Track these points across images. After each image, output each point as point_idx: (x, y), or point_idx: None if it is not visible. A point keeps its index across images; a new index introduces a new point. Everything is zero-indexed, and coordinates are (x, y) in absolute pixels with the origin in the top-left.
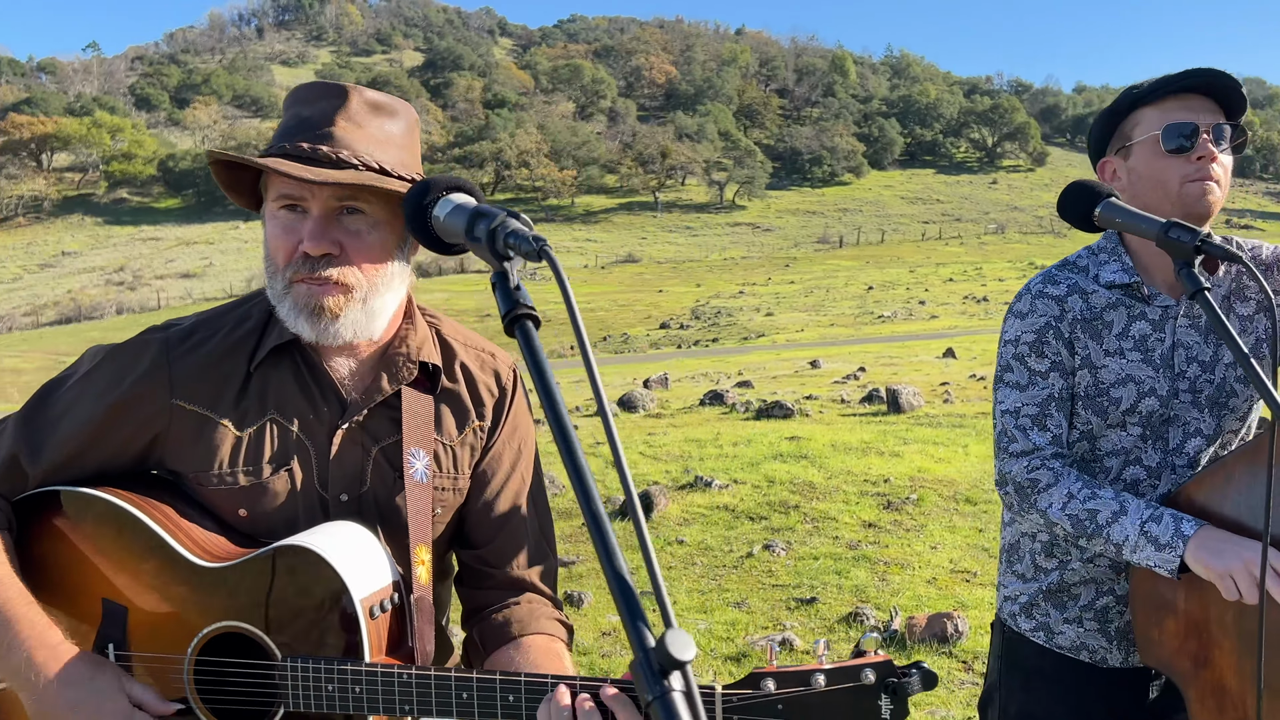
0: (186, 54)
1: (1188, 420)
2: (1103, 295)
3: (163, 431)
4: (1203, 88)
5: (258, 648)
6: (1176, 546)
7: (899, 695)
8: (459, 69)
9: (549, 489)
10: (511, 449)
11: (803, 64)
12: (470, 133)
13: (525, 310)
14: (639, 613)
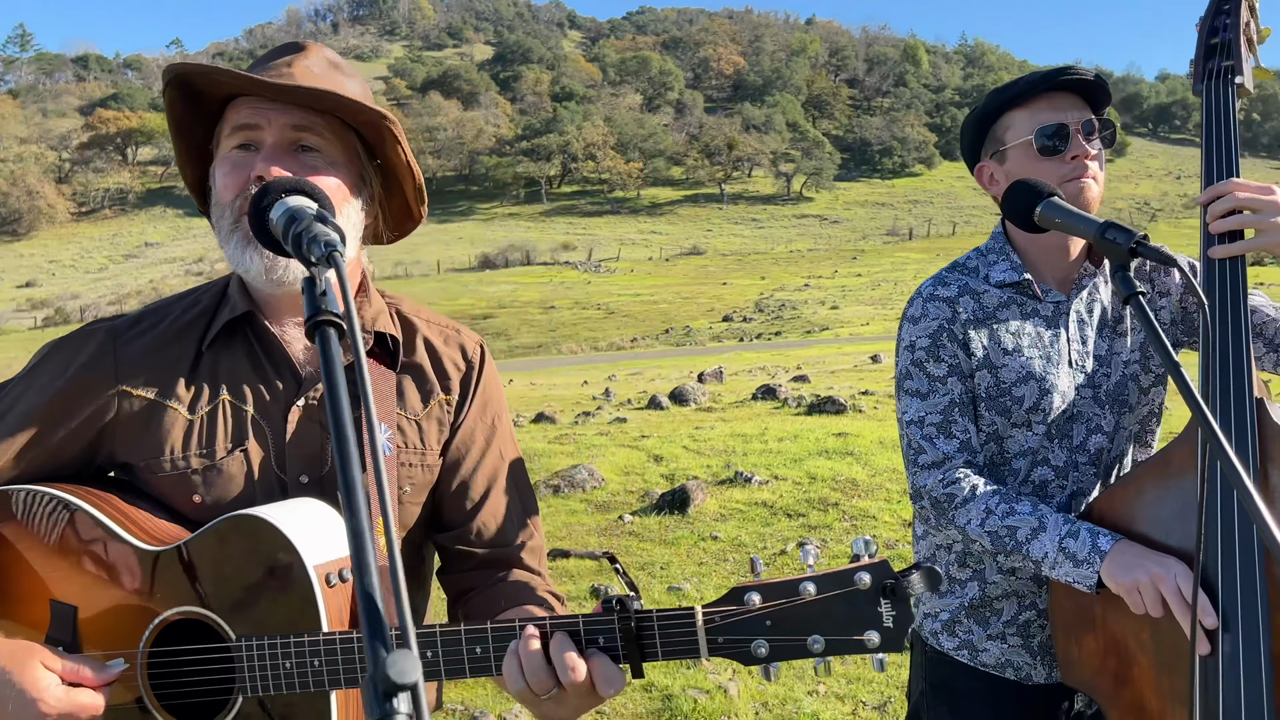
0: (264, 49)
1: (1089, 416)
2: (994, 294)
3: (110, 421)
4: (1067, 86)
5: (215, 633)
6: (1094, 562)
7: (900, 598)
8: (528, 62)
9: (580, 486)
10: (484, 424)
11: (874, 54)
12: (538, 125)
13: (327, 316)
14: (378, 632)
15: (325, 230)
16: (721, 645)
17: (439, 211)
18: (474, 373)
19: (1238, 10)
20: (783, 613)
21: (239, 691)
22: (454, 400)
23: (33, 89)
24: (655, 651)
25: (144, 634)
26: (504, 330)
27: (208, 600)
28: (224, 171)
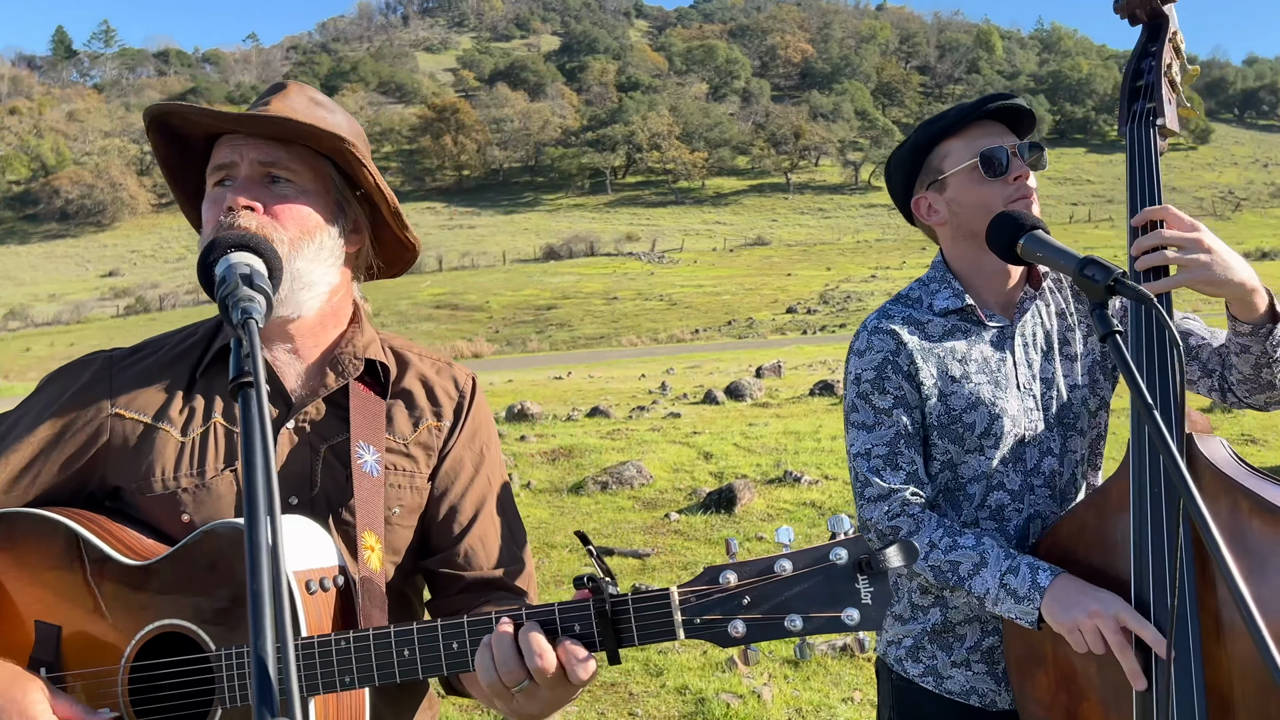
0: (337, 42)
1: (1041, 440)
2: (938, 323)
3: (104, 444)
4: (997, 114)
5: (194, 644)
6: (1034, 599)
7: (877, 573)
8: (594, 52)
9: (628, 484)
10: (473, 452)
11: (946, 40)
12: (603, 116)
13: (245, 380)
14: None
15: (249, 294)
16: (698, 626)
17: (505, 203)
18: (465, 401)
19: (1160, 54)
20: (759, 591)
21: (218, 703)
22: (444, 427)
23: (116, 84)
24: (631, 635)
25: (125, 650)
26: (566, 321)
27: (188, 613)
28: (206, 209)
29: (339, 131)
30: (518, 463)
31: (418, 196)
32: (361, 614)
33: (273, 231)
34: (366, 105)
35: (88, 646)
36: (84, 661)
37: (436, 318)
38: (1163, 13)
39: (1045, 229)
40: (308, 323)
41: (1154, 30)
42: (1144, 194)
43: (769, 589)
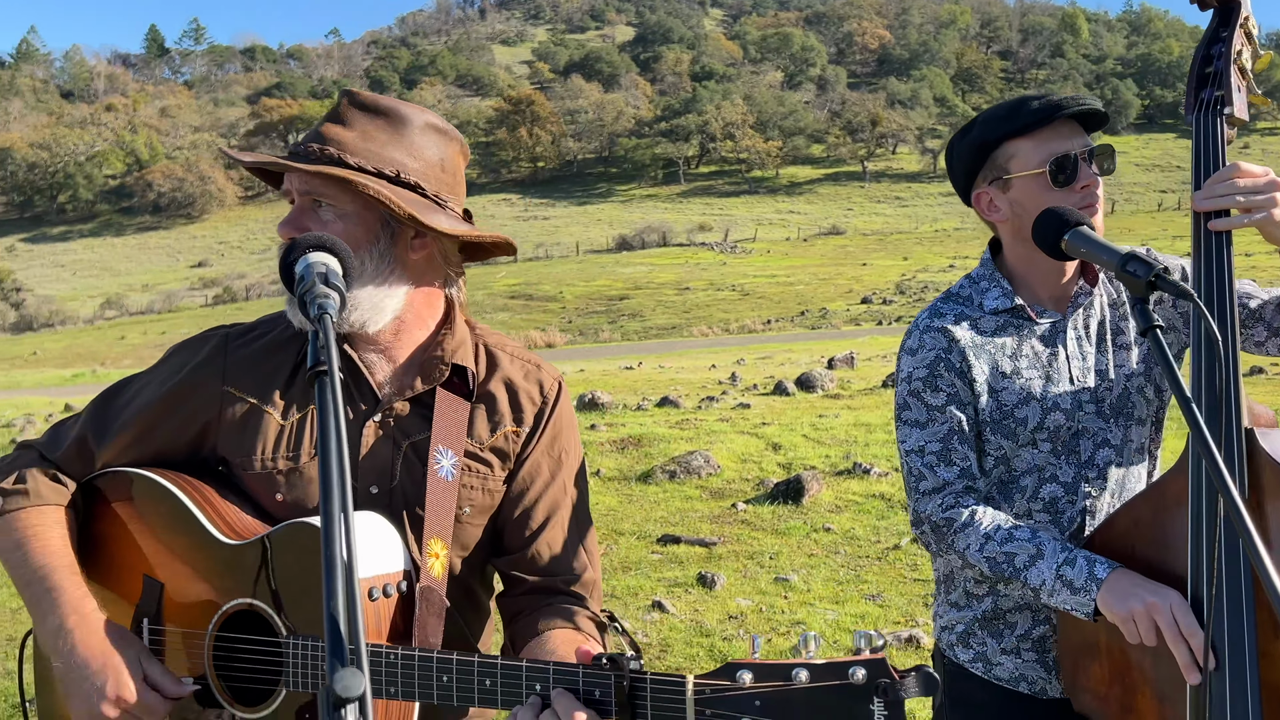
0: (415, 36)
1: (1095, 431)
2: (989, 321)
3: (215, 417)
4: (1077, 111)
5: (270, 626)
6: (1090, 590)
7: (893, 700)
8: (668, 42)
9: (696, 473)
10: (551, 458)
11: (1029, 23)
12: (677, 106)
13: (321, 369)
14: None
15: (324, 291)
16: (709, 718)
17: (579, 194)
18: (547, 408)
19: (1230, 40)
20: (773, 696)
21: (283, 684)
22: (523, 433)
23: (205, 80)
24: (645, 713)
25: (213, 618)
26: (639, 311)
27: (267, 596)
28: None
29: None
30: (587, 451)
31: (494, 188)
32: (418, 623)
33: None
34: (444, 98)
35: (184, 608)
36: (179, 621)
37: (511, 308)
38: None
39: (1091, 225)
40: (387, 331)
41: (1225, 14)
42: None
43: (782, 697)
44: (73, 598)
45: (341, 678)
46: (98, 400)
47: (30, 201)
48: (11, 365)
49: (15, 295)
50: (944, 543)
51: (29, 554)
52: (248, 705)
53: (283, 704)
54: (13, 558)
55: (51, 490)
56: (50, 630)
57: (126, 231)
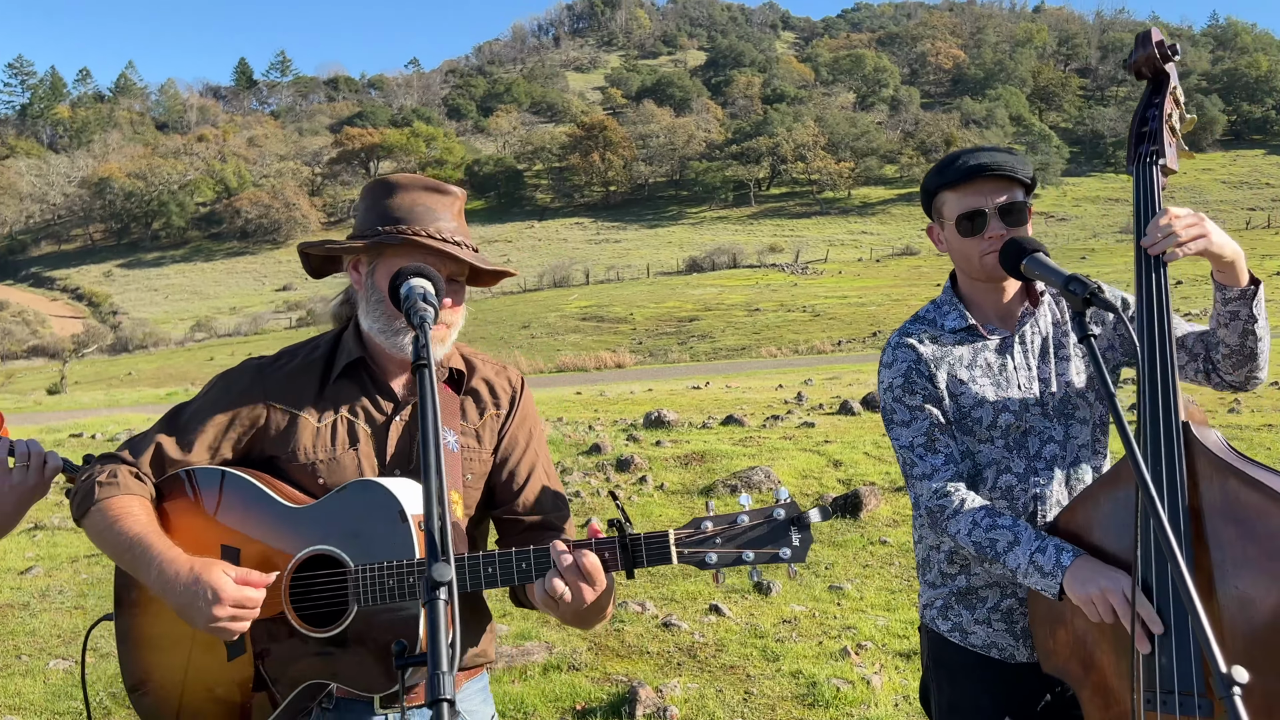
0: (492, 65)
1: (1041, 430)
2: (949, 338)
3: (262, 426)
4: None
5: (337, 565)
6: (1057, 575)
7: (803, 526)
8: (739, 66)
9: (756, 488)
10: (524, 431)
11: (1108, 40)
12: (748, 129)
13: (422, 363)
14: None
15: (423, 306)
16: (686, 555)
17: (649, 217)
18: (517, 396)
19: (1163, 105)
20: (726, 535)
21: (354, 601)
22: (501, 414)
23: (291, 110)
24: (642, 559)
25: (287, 566)
26: (708, 333)
27: (334, 540)
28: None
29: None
30: (652, 466)
31: (566, 212)
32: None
33: (455, 319)
34: (519, 125)
35: (259, 564)
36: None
37: (583, 329)
38: (1164, 70)
39: (1045, 251)
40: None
41: (1157, 84)
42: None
43: (733, 534)
44: (161, 548)
45: (438, 568)
46: (165, 418)
47: (127, 229)
48: (109, 385)
49: (112, 318)
50: (938, 526)
51: (123, 529)
52: (320, 627)
53: (353, 620)
54: (108, 533)
55: (136, 485)
56: (153, 578)
57: (216, 257)
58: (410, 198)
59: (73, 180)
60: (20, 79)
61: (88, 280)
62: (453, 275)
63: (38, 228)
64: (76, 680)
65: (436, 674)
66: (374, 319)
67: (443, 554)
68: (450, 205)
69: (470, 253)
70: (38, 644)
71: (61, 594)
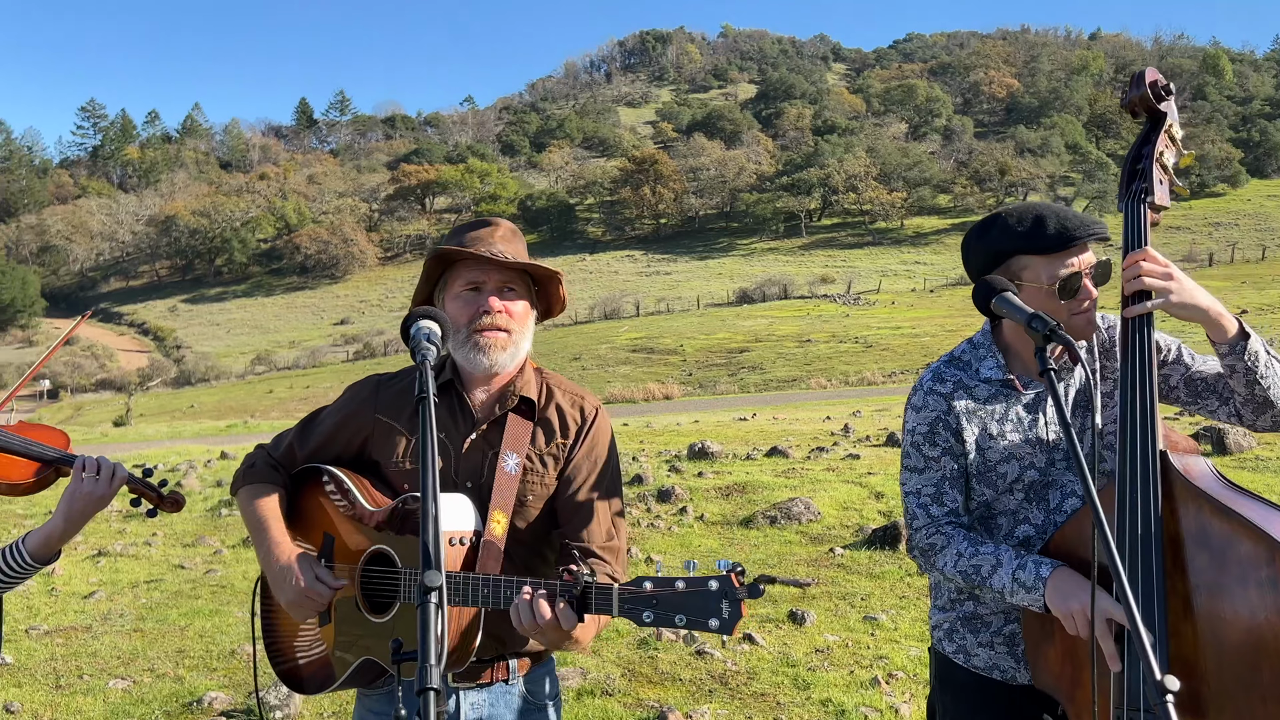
0: (545, 101)
1: (1064, 483)
2: (983, 389)
3: (370, 434)
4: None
5: (393, 561)
6: (1039, 588)
7: (733, 600)
8: (790, 98)
9: (796, 519)
10: (589, 462)
11: (1168, 66)
12: (799, 160)
13: (422, 395)
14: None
15: (426, 346)
16: (625, 610)
17: (700, 249)
18: (586, 426)
19: (1154, 144)
20: (662, 597)
21: (399, 598)
22: (568, 443)
23: (349, 148)
24: (590, 606)
25: (361, 557)
26: (759, 364)
27: (391, 543)
28: (456, 307)
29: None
30: (693, 496)
31: (617, 245)
32: (479, 562)
33: (514, 325)
34: (571, 160)
35: (345, 552)
36: (342, 559)
37: (633, 361)
38: (1159, 110)
39: (1015, 292)
40: (508, 373)
41: (1154, 122)
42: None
43: (669, 597)
44: (278, 534)
45: (429, 575)
46: (303, 421)
47: (191, 265)
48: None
49: (176, 352)
50: (928, 563)
51: (256, 510)
52: (378, 614)
53: (397, 613)
54: (246, 513)
55: (273, 474)
56: (265, 553)
57: (276, 292)
58: (456, 239)
59: (140, 219)
60: (93, 121)
61: (153, 315)
62: (505, 283)
63: (107, 265)
64: (134, 699)
65: (425, 666)
66: (451, 343)
67: (435, 564)
68: (493, 232)
69: (506, 258)
70: (99, 665)
71: (122, 617)
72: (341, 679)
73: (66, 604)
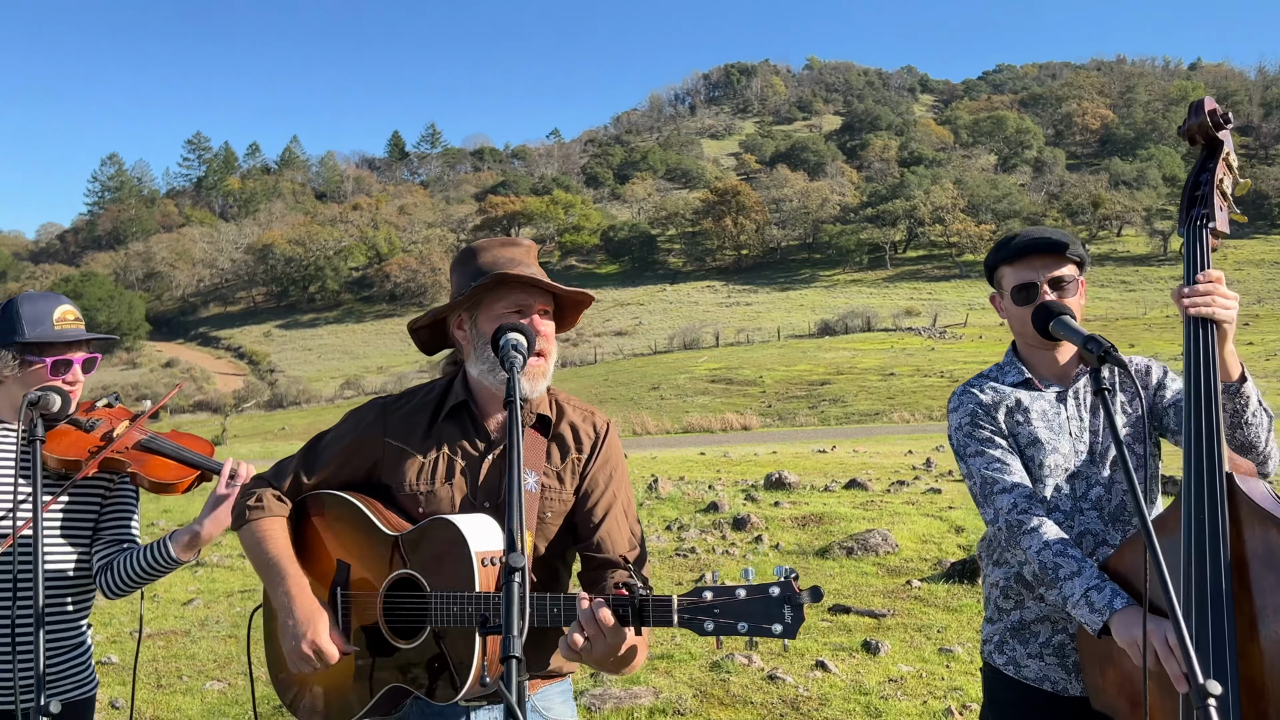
0: (629, 134)
1: (1089, 474)
2: (1008, 389)
3: (380, 458)
4: (1039, 247)
5: (419, 586)
6: (1104, 614)
7: (795, 605)
8: (876, 129)
9: (873, 550)
10: (604, 474)
11: (1272, 97)
12: (884, 192)
13: (510, 399)
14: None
15: (515, 355)
16: (685, 620)
17: (781, 280)
18: (599, 441)
19: (1213, 171)
20: (724, 606)
21: (429, 622)
22: (583, 458)
23: (439, 179)
24: (648, 619)
25: (383, 583)
26: (840, 397)
27: (416, 566)
28: (492, 321)
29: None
30: (769, 525)
31: (698, 276)
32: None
33: (549, 349)
34: (654, 191)
35: (362, 579)
36: (359, 587)
37: (712, 391)
38: (1217, 138)
39: (1072, 315)
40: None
41: (1211, 149)
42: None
43: (730, 605)
44: (293, 578)
45: (514, 557)
46: (304, 448)
47: (286, 292)
48: (265, 438)
49: (270, 376)
50: (1013, 538)
51: (265, 549)
52: (404, 640)
53: (427, 638)
54: (254, 550)
55: (278, 506)
56: (279, 596)
57: (366, 319)
58: (492, 255)
59: (239, 247)
60: (198, 154)
61: (249, 340)
62: (544, 307)
63: (207, 290)
64: (229, 700)
65: (509, 637)
66: (480, 362)
67: (520, 549)
68: (528, 253)
69: (551, 282)
70: (196, 667)
71: (218, 624)
72: (364, 709)
73: (167, 610)
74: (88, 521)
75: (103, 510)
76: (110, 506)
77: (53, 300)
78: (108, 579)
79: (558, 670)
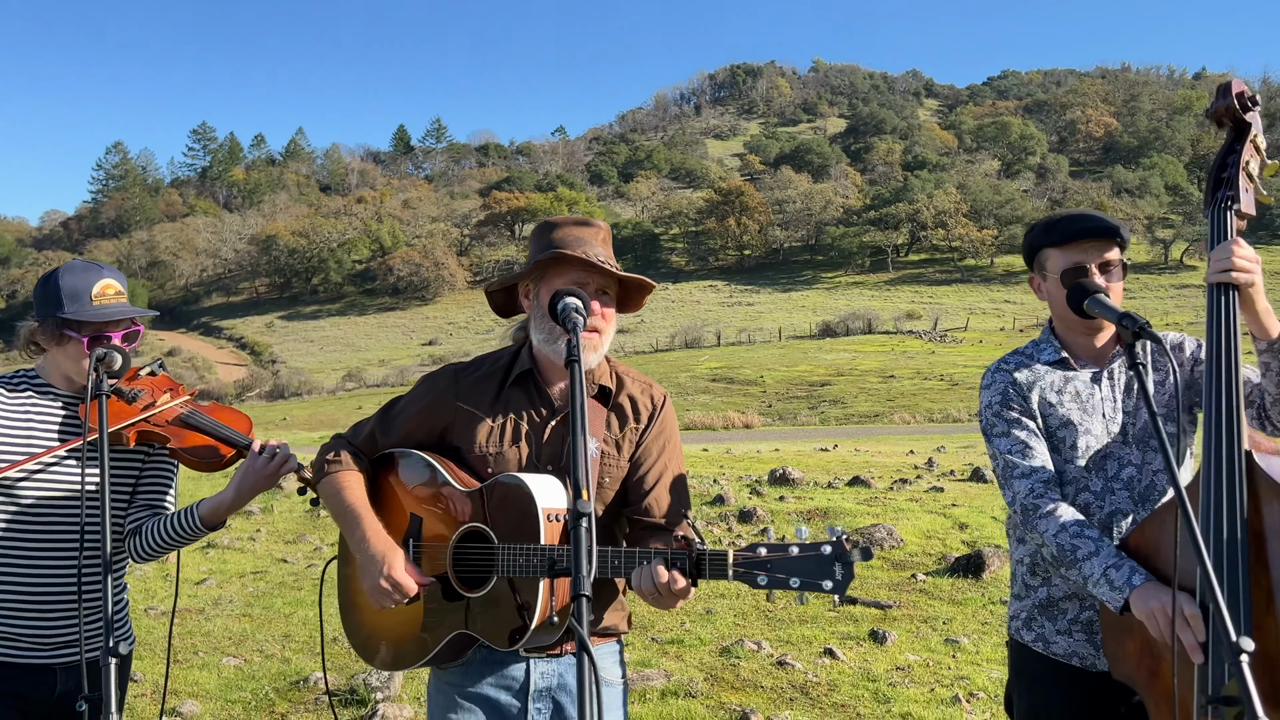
0: (634, 133)
1: (1120, 455)
2: (1043, 368)
3: (451, 421)
4: (1092, 232)
5: (487, 538)
6: (1124, 590)
7: (846, 562)
8: (880, 133)
9: (878, 544)
10: (658, 444)
11: (1277, 107)
12: (887, 195)
13: (573, 359)
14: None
15: (575, 317)
16: (740, 573)
17: (783, 281)
18: (656, 412)
19: (1240, 153)
20: (777, 561)
21: (494, 573)
22: (640, 428)
23: (443, 175)
24: (705, 571)
25: (453, 535)
26: (840, 398)
27: (485, 520)
28: (548, 291)
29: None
30: (774, 519)
31: (700, 275)
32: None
33: (605, 327)
34: (658, 190)
35: (434, 532)
36: (431, 539)
37: (713, 390)
38: (1245, 120)
39: (1106, 294)
40: (586, 365)
41: (1239, 131)
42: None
43: (783, 561)
44: (368, 521)
45: (581, 504)
46: (380, 411)
47: (289, 283)
48: (266, 428)
49: (272, 367)
50: (1029, 523)
51: (343, 498)
52: (472, 589)
53: (493, 587)
54: (333, 500)
55: (355, 462)
56: (356, 540)
57: (368, 311)
58: (564, 231)
59: (243, 237)
60: (203, 144)
61: (251, 330)
62: (602, 288)
63: (210, 280)
64: (245, 675)
65: (579, 576)
66: (540, 331)
67: (586, 496)
68: (595, 234)
69: (610, 267)
70: (211, 643)
71: (231, 603)
72: (431, 654)
73: (180, 588)
74: (124, 490)
75: (140, 478)
76: (147, 474)
77: (94, 273)
78: (137, 542)
79: (611, 630)
